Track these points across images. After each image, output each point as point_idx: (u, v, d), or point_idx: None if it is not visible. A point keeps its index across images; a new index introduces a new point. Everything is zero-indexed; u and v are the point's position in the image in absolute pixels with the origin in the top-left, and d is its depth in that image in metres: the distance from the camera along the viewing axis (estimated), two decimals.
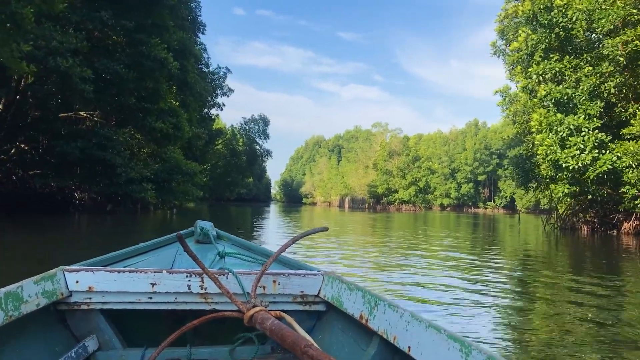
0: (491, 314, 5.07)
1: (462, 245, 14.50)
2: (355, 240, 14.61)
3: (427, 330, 1.73)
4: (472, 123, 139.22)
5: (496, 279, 7.61)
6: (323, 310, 2.52)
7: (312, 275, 2.50)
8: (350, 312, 2.23)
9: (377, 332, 2.01)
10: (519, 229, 26.18)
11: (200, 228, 3.09)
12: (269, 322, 1.83)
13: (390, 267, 8.33)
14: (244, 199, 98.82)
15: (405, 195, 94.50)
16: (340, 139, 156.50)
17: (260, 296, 2.37)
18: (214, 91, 51.12)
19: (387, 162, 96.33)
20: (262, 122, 57.90)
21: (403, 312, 1.90)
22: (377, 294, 2.13)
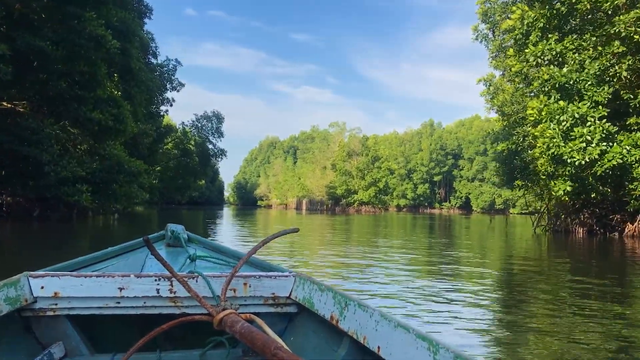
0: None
1: (459, 255, 11.67)
2: (322, 254, 11.58)
3: (396, 330, 1.73)
4: (428, 124, 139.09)
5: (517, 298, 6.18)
6: (295, 312, 2.51)
7: (284, 277, 2.49)
8: (321, 313, 2.23)
9: (348, 332, 2.01)
10: (506, 232, 23.75)
11: (170, 231, 3.09)
12: (239, 325, 1.77)
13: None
14: (196, 202, 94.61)
15: (365, 196, 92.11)
16: (296, 140, 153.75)
17: (230, 299, 2.36)
18: (162, 85, 47.18)
19: (346, 162, 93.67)
20: (215, 119, 54.04)
21: (373, 312, 1.90)
22: (347, 294, 2.11)
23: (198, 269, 2.62)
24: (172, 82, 49.03)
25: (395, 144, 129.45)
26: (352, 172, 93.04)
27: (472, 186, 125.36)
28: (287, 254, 10.28)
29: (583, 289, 6.92)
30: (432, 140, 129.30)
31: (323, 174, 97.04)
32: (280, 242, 12.93)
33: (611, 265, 10.88)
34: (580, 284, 7.36)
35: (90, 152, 23.85)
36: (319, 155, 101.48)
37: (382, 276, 7.43)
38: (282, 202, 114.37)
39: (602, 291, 6.77)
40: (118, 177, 23.56)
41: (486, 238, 19.10)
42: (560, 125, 17.39)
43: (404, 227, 26.96)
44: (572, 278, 8.09)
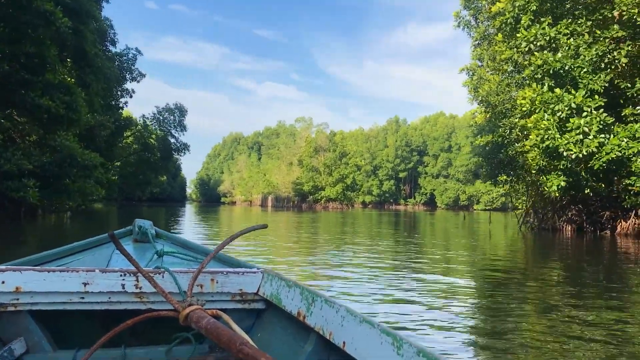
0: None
1: (452, 258, 10.56)
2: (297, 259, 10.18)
3: (361, 325, 1.72)
4: (393, 120, 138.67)
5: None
6: (262, 308, 2.51)
7: (251, 273, 2.49)
8: (288, 310, 2.22)
9: (314, 328, 2.01)
10: (490, 230, 22.57)
11: (138, 227, 3.08)
12: (205, 321, 1.78)
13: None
14: (158, 199, 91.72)
15: (332, 192, 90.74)
16: (260, 136, 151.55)
17: (197, 295, 2.34)
18: (122, 75, 44.59)
19: (313, 158, 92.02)
20: (178, 112, 51.49)
21: (339, 308, 1.89)
22: (314, 290, 2.11)
23: (165, 264, 2.59)
24: (132, 73, 46.39)
25: (361, 140, 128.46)
26: (319, 168, 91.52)
27: (436, 182, 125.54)
28: (255, 253, 9.95)
29: (576, 292, 6.61)
30: (397, 136, 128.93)
31: (289, 170, 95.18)
32: (248, 241, 12.35)
33: (608, 267, 9.87)
34: (572, 287, 7.04)
35: (40, 144, 21.56)
36: (284, 151, 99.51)
37: (373, 283, 6.84)
38: (246, 199, 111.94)
39: (596, 294, 6.43)
40: (71, 171, 21.36)
41: (470, 237, 17.88)
42: (556, 116, 16.20)
43: (378, 225, 25.62)
44: (567, 281, 7.64)
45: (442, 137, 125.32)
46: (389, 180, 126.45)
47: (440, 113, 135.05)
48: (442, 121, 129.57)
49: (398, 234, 18.24)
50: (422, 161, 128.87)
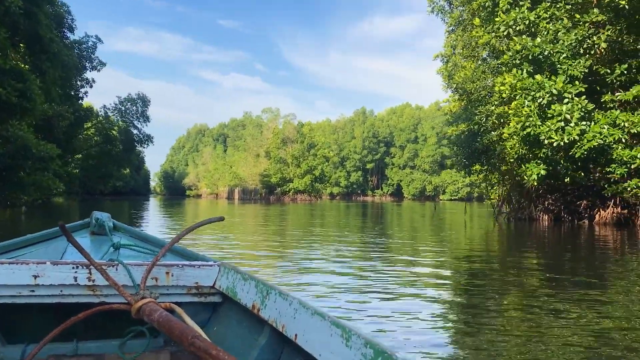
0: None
1: (427, 248, 10.45)
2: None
3: (313, 318, 1.74)
4: (360, 111, 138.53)
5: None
6: (219, 301, 2.51)
7: (208, 266, 2.47)
8: (243, 303, 2.23)
9: (268, 321, 2.02)
10: (465, 220, 22.15)
11: (95, 219, 3.05)
12: (157, 314, 1.76)
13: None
14: (121, 193, 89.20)
15: (301, 184, 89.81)
16: (225, 128, 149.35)
17: (152, 288, 2.29)
18: (81, 64, 42.74)
19: (280, 150, 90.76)
20: (140, 102, 49.52)
21: (292, 301, 1.90)
22: (269, 283, 2.11)
23: (122, 257, 2.53)
24: (92, 61, 44.56)
25: (328, 131, 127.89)
26: (287, 160, 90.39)
27: (403, 173, 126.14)
28: (224, 249, 9.62)
29: (555, 282, 6.50)
30: (364, 128, 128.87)
31: (256, 162, 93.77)
32: (210, 236, 11.89)
33: (589, 256, 9.71)
34: (552, 276, 6.95)
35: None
36: (251, 142, 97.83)
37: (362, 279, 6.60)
38: (212, 192, 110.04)
39: (577, 285, 6.36)
40: (25, 163, 19.99)
41: (449, 228, 17.36)
42: (536, 103, 15.75)
43: (353, 216, 24.98)
44: (548, 271, 7.53)
45: (408, 128, 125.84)
46: (356, 171, 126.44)
47: (406, 104, 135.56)
48: (408, 112, 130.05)
49: (376, 226, 17.61)
50: (389, 152, 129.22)
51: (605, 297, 5.60)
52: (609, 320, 4.54)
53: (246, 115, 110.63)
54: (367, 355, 1.43)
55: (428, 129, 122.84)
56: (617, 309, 5.03)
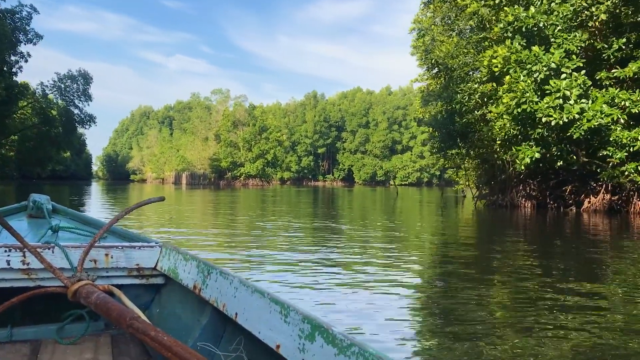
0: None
1: (408, 236, 9.90)
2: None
3: (253, 296, 1.75)
4: (311, 95, 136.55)
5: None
6: (161, 283, 2.48)
7: (149, 247, 2.46)
8: (185, 283, 2.21)
9: (209, 301, 2.01)
10: (441, 207, 20.84)
11: (33, 201, 2.98)
12: (95, 296, 1.75)
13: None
14: (60, 177, 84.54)
15: (252, 169, 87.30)
16: (171, 110, 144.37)
17: (91, 270, 2.27)
18: (14, 36, 38.98)
19: (231, 133, 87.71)
20: (82, 79, 45.73)
21: (232, 279, 1.91)
22: (210, 263, 2.11)
23: (60, 240, 2.46)
24: (27, 34, 40.76)
25: (278, 115, 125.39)
26: (238, 144, 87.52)
27: (354, 158, 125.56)
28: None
29: (545, 274, 6.11)
30: (315, 112, 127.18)
31: (205, 145, 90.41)
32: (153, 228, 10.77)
33: (584, 246, 8.88)
34: (540, 267, 6.54)
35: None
36: (199, 125, 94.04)
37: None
38: (158, 176, 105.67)
39: (570, 277, 6.00)
40: None
41: (426, 214, 16.01)
42: (532, 77, 14.42)
43: (319, 203, 23.35)
44: (536, 262, 6.98)
45: (359, 113, 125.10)
46: (307, 156, 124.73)
47: (357, 89, 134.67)
48: (359, 97, 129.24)
49: (353, 213, 16.07)
50: (341, 137, 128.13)
51: (607, 291, 5.17)
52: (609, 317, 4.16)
53: (194, 96, 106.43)
54: (304, 330, 1.45)
55: (379, 113, 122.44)
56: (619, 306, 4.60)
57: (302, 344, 1.45)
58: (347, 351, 1.28)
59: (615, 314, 4.30)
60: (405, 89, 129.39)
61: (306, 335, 1.44)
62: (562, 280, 5.67)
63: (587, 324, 3.91)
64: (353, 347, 1.26)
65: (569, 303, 4.62)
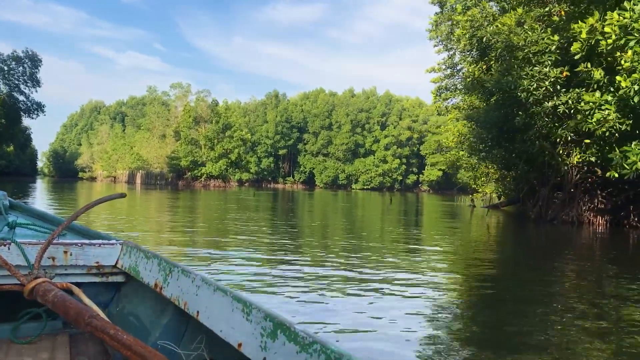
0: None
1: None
2: None
3: (215, 294, 1.74)
4: (272, 95, 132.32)
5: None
6: (122, 281, 2.47)
7: (109, 245, 2.44)
8: (146, 282, 2.19)
9: (170, 299, 1.99)
10: (487, 223, 17.47)
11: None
12: (52, 294, 1.71)
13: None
14: (2, 173, 77.62)
15: (215, 169, 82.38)
16: (124, 106, 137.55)
17: (49, 268, 2.27)
18: None
19: (192, 129, 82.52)
20: (29, 61, 40.40)
21: (194, 278, 1.89)
22: (172, 261, 2.10)
23: (17, 237, 2.39)
24: None
25: (238, 114, 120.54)
26: (200, 142, 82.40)
27: (316, 161, 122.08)
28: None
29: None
30: (277, 112, 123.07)
31: (162, 142, 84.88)
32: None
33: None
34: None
35: None
36: (157, 121, 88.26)
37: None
38: (109, 175, 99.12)
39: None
40: None
41: (473, 232, 12.71)
42: None
43: (315, 209, 19.88)
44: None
45: (322, 115, 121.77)
46: (267, 157, 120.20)
47: (320, 90, 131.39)
48: (322, 98, 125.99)
49: (362, 225, 12.67)
50: (302, 138, 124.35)
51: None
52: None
53: (150, 90, 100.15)
54: (266, 328, 1.44)
55: (342, 115, 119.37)
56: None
57: (264, 342, 1.43)
58: (309, 349, 1.26)
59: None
60: (368, 92, 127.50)
61: (268, 334, 1.43)
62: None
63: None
64: (315, 345, 1.25)
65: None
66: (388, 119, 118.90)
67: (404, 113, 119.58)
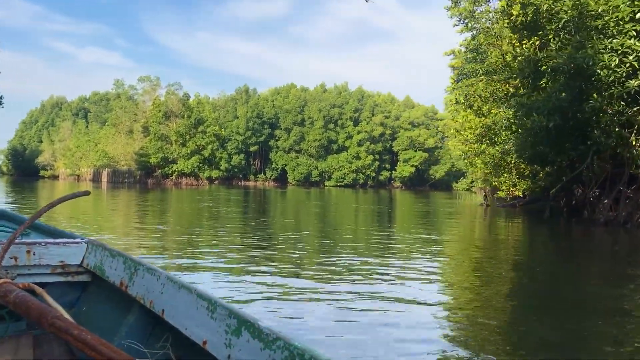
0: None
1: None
2: None
3: (180, 292, 1.74)
4: (242, 90, 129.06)
5: None
6: (88, 280, 2.44)
7: (74, 243, 2.41)
8: (112, 280, 2.19)
9: (136, 298, 1.99)
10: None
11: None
12: (13, 295, 1.68)
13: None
14: None
15: (187, 166, 78.99)
16: (87, 102, 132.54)
17: (11, 268, 2.16)
18: None
19: (162, 125, 78.85)
20: None
21: (160, 276, 1.89)
22: (138, 259, 2.10)
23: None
24: None
25: (207, 109, 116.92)
26: (171, 137, 78.82)
27: (288, 157, 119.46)
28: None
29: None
30: (248, 107, 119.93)
31: (130, 139, 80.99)
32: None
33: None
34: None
35: None
36: (123, 116, 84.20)
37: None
38: (73, 173, 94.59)
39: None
40: None
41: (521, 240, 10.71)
42: None
43: (325, 210, 17.75)
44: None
45: (294, 110, 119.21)
46: (238, 154, 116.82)
47: (291, 85, 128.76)
48: (294, 93, 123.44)
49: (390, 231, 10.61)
50: (274, 134, 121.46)
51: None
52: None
53: (118, 83, 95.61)
54: (231, 325, 1.46)
55: (315, 111, 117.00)
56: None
57: (229, 339, 1.44)
58: (273, 345, 1.27)
59: None
60: (340, 87, 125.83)
61: (233, 331, 1.44)
62: None
63: None
64: (278, 341, 1.26)
65: None
66: (361, 114, 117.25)
67: (376, 109, 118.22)
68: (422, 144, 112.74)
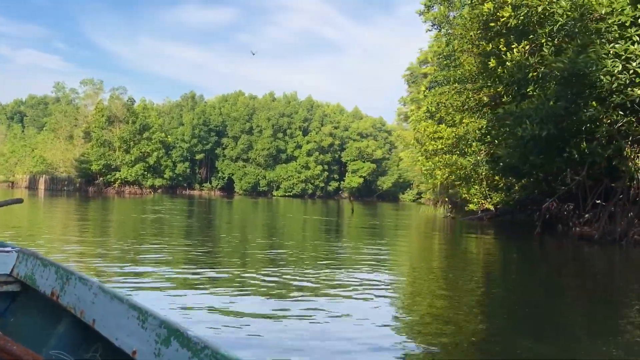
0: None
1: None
2: None
3: (112, 302, 1.70)
4: (189, 96, 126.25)
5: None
6: (18, 290, 2.34)
7: (4, 252, 2.32)
8: (42, 290, 2.12)
9: (67, 308, 1.94)
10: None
11: None
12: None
13: None
14: None
15: (131, 174, 75.69)
16: (22, 105, 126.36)
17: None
18: None
19: (105, 130, 75.27)
20: None
21: (92, 285, 1.85)
22: (70, 268, 2.04)
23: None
24: None
25: (153, 115, 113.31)
26: (114, 144, 75.33)
27: (235, 166, 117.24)
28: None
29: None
30: (194, 114, 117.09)
31: (69, 144, 76.99)
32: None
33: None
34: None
35: None
36: (63, 120, 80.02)
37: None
38: (7, 179, 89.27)
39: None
40: None
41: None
42: None
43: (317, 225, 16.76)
44: None
45: (242, 118, 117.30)
46: (183, 162, 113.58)
47: (239, 92, 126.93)
48: (242, 101, 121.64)
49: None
50: (221, 143, 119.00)
51: None
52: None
53: (58, 86, 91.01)
54: (161, 335, 1.44)
55: (263, 120, 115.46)
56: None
57: (158, 348, 1.42)
58: (201, 354, 1.27)
59: None
60: (289, 96, 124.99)
61: (162, 340, 1.42)
62: None
63: None
64: (206, 350, 1.26)
65: None
66: (310, 124, 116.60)
67: (325, 119, 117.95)
68: (371, 155, 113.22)
